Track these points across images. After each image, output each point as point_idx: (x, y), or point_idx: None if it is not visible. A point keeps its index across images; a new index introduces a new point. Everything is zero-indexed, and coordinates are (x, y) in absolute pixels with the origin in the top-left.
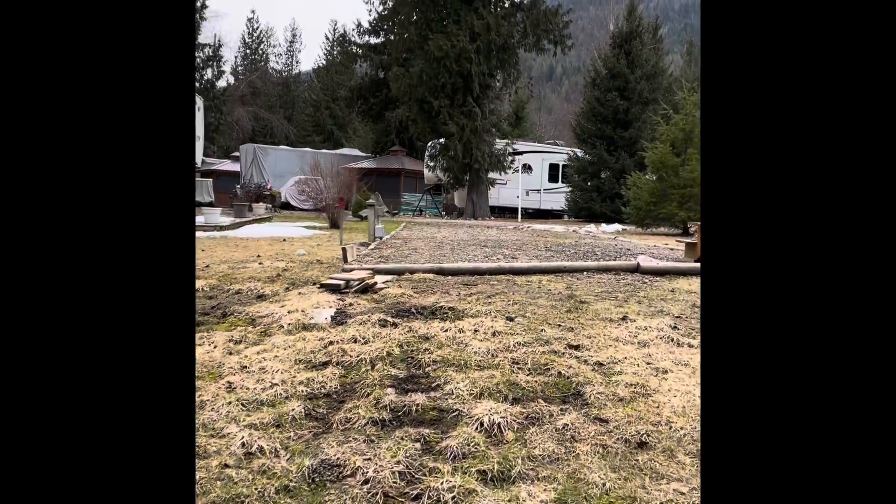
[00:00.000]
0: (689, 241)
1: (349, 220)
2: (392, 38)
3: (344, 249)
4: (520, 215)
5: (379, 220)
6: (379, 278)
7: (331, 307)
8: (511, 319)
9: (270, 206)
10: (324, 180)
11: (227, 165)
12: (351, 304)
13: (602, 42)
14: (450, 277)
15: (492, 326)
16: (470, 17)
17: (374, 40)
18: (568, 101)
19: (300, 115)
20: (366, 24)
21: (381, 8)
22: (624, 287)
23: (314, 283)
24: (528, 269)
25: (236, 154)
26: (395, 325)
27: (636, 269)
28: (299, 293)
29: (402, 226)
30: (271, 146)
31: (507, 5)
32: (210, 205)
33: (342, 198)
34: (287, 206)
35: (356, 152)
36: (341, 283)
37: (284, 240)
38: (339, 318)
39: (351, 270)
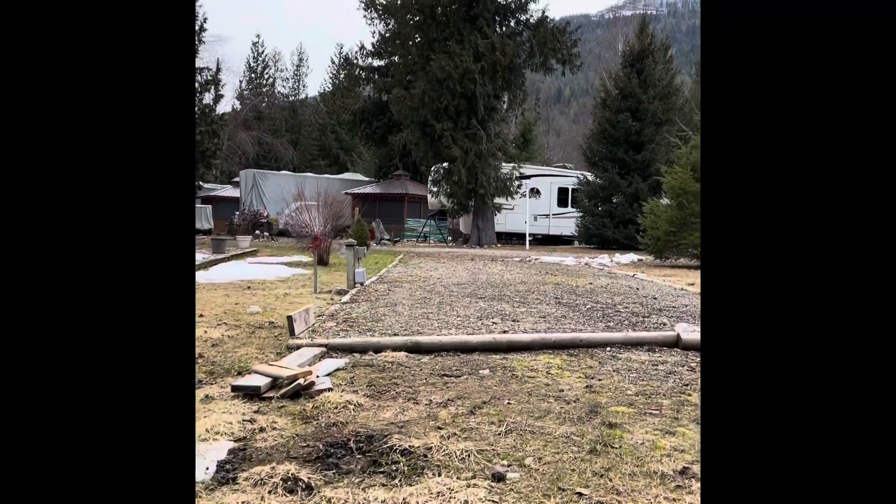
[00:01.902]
0: None
1: (342, 254)
2: (396, 59)
3: (290, 319)
4: (527, 243)
5: (360, 262)
6: (328, 364)
7: (231, 435)
8: (501, 479)
9: (267, 234)
10: (308, 211)
11: (227, 191)
12: (262, 431)
13: (611, 63)
14: (426, 360)
15: (466, 503)
16: (474, 36)
17: (377, 62)
18: (576, 123)
19: (306, 140)
20: (369, 47)
21: (384, 30)
22: (666, 381)
23: (239, 374)
24: (531, 344)
25: (238, 179)
26: (309, 490)
27: (675, 344)
28: (205, 397)
29: (398, 259)
30: (272, 171)
31: (512, 24)
32: (208, 232)
33: (317, 237)
34: (285, 233)
35: (359, 177)
36: (263, 383)
37: (249, 287)
38: (232, 466)
39: (297, 348)
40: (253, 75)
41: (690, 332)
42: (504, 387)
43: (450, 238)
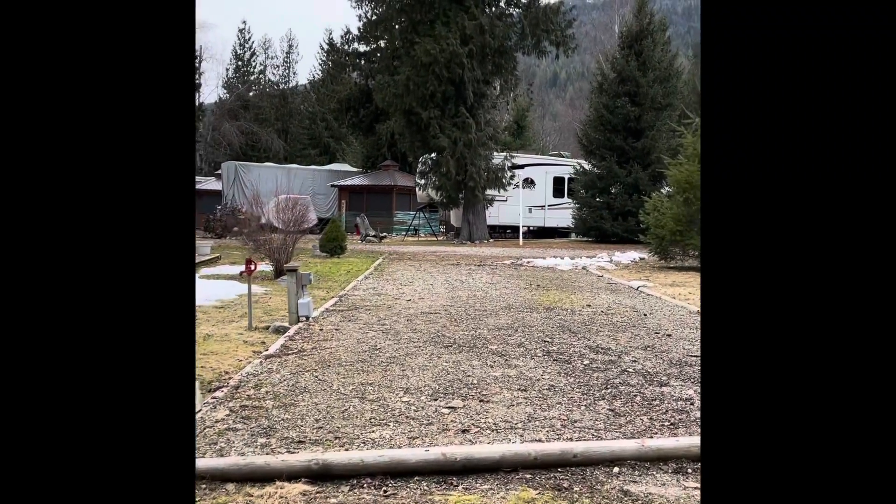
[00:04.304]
0: None
1: (317, 255)
2: (381, 44)
3: None
4: (521, 238)
5: (304, 289)
6: None
7: None
8: None
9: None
10: (263, 214)
11: (211, 184)
12: None
13: (608, 46)
14: (333, 502)
15: None
16: (461, 17)
17: (363, 48)
18: (573, 108)
19: (296, 129)
20: (355, 32)
21: (370, 13)
22: None
23: None
24: (500, 463)
25: (221, 172)
26: None
27: None
28: None
29: (374, 266)
30: (255, 163)
31: (501, 4)
32: None
33: (249, 260)
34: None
35: (347, 167)
36: None
37: None
38: None
39: None
40: (240, 63)
41: None
42: None
43: (442, 229)
